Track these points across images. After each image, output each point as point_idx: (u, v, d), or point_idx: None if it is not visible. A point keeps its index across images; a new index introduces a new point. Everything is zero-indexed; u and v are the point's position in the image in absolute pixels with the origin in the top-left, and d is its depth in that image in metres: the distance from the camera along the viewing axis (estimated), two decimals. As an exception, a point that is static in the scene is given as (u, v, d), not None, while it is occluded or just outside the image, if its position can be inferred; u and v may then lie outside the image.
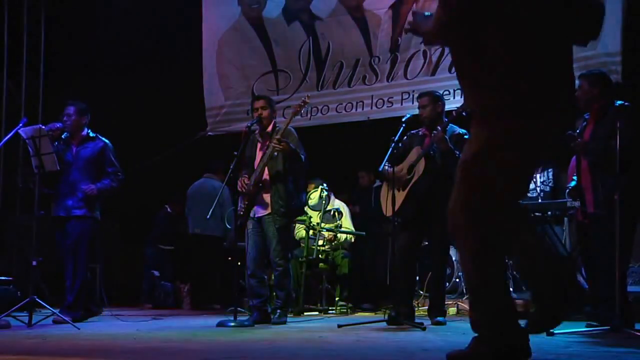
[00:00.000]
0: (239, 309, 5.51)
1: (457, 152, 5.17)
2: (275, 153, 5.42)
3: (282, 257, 5.49)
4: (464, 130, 5.32)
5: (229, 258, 7.79)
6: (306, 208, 7.52)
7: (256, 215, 5.56)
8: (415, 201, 5.22)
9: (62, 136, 5.76)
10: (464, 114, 5.09)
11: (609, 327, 4.28)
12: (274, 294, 5.76)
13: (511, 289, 7.15)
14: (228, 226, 7.48)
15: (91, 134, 5.88)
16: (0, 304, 5.73)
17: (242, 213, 5.56)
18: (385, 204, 5.31)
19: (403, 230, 5.27)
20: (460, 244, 2.67)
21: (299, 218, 7.30)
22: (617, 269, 4.25)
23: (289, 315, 5.80)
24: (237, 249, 6.50)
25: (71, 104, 5.85)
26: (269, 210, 5.50)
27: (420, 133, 5.47)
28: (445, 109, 5.61)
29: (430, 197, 5.16)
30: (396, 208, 5.12)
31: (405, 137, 5.34)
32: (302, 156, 5.49)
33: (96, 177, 5.80)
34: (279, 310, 5.51)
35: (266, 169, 5.49)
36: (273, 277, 5.71)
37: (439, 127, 5.16)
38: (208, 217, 6.24)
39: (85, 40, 8.94)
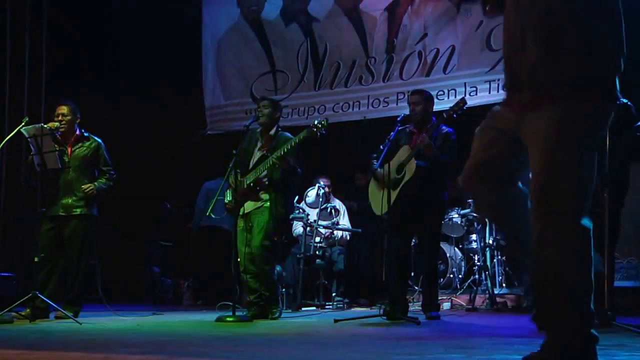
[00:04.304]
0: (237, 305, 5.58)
1: (443, 156, 5.28)
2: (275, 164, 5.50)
3: (266, 250, 5.53)
4: (451, 129, 5.43)
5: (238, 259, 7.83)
6: (304, 205, 7.63)
7: (246, 211, 5.64)
8: (406, 200, 5.31)
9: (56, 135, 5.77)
10: (454, 115, 5.18)
11: (597, 321, 4.37)
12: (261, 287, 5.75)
13: (503, 285, 7.26)
14: (212, 216, 7.51)
15: (85, 134, 5.91)
16: (2, 300, 5.82)
17: (230, 208, 5.65)
18: (380, 203, 5.38)
19: (395, 228, 5.37)
20: None
21: (297, 216, 7.45)
22: (606, 265, 4.36)
23: (286, 311, 5.87)
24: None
25: (64, 104, 5.85)
26: (259, 205, 5.57)
27: (407, 130, 5.53)
28: (438, 109, 5.71)
29: (421, 195, 5.27)
30: (388, 207, 5.21)
31: (392, 133, 5.41)
32: (300, 171, 5.59)
33: (92, 176, 5.85)
34: (273, 309, 5.59)
35: (265, 171, 5.57)
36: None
37: (425, 134, 5.25)
38: (207, 213, 6.31)
39: (86, 40, 9.00)
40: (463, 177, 2.53)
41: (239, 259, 5.68)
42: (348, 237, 7.92)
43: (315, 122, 5.38)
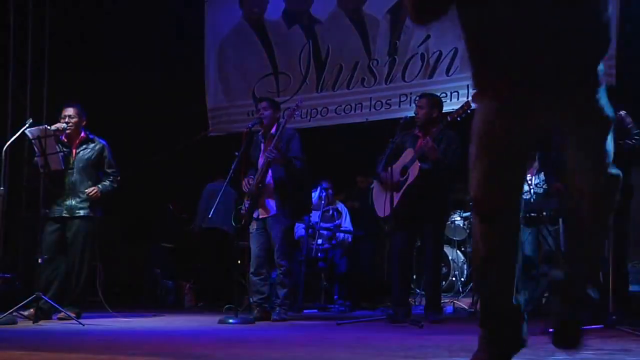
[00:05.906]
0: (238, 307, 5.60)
1: (447, 160, 5.28)
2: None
3: (285, 258, 5.60)
4: (455, 133, 5.42)
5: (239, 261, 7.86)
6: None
7: (260, 216, 5.67)
8: (410, 202, 5.32)
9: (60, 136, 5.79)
10: (458, 119, 5.18)
11: (602, 325, 4.38)
12: (275, 292, 5.86)
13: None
14: (233, 224, 7.54)
15: (90, 136, 5.94)
16: (5, 301, 5.83)
17: (244, 212, 5.69)
18: (383, 204, 5.38)
19: (398, 231, 5.38)
20: None
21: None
22: (611, 268, 4.36)
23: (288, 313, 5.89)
24: (238, 248, 6.59)
25: (71, 105, 5.89)
26: (273, 212, 5.61)
27: (413, 133, 5.55)
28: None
29: (424, 198, 5.28)
30: (391, 209, 5.21)
31: (397, 136, 5.42)
32: (297, 163, 5.60)
33: (96, 178, 5.87)
34: (278, 308, 5.62)
35: (270, 171, 5.61)
36: (275, 276, 5.80)
37: (428, 138, 5.25)
38: (210, 215, 6.32)
39: (88, 41, 9.01)
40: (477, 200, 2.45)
41: (238, 261, 5.73)
42: (350, 240, 7.92)
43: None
